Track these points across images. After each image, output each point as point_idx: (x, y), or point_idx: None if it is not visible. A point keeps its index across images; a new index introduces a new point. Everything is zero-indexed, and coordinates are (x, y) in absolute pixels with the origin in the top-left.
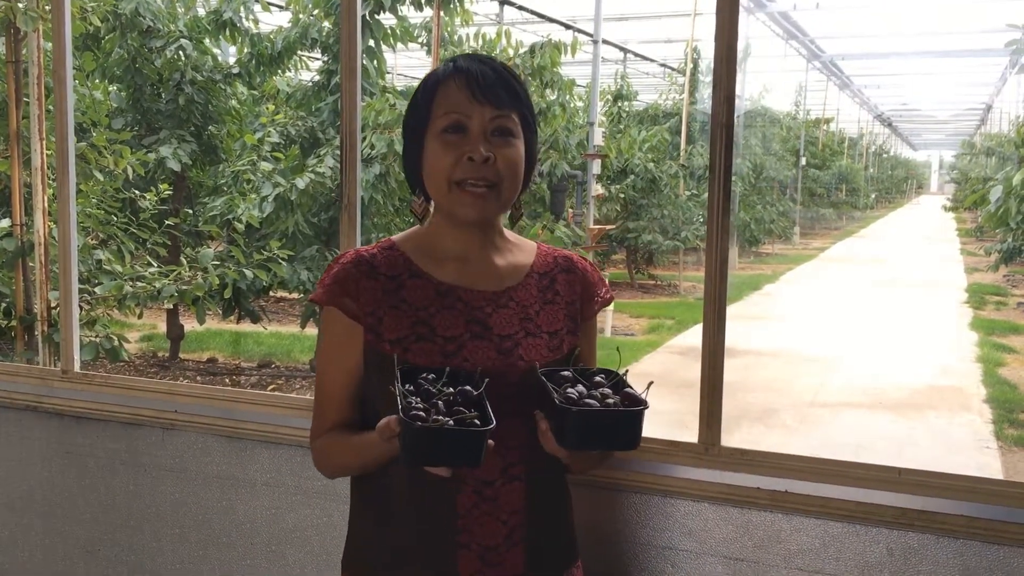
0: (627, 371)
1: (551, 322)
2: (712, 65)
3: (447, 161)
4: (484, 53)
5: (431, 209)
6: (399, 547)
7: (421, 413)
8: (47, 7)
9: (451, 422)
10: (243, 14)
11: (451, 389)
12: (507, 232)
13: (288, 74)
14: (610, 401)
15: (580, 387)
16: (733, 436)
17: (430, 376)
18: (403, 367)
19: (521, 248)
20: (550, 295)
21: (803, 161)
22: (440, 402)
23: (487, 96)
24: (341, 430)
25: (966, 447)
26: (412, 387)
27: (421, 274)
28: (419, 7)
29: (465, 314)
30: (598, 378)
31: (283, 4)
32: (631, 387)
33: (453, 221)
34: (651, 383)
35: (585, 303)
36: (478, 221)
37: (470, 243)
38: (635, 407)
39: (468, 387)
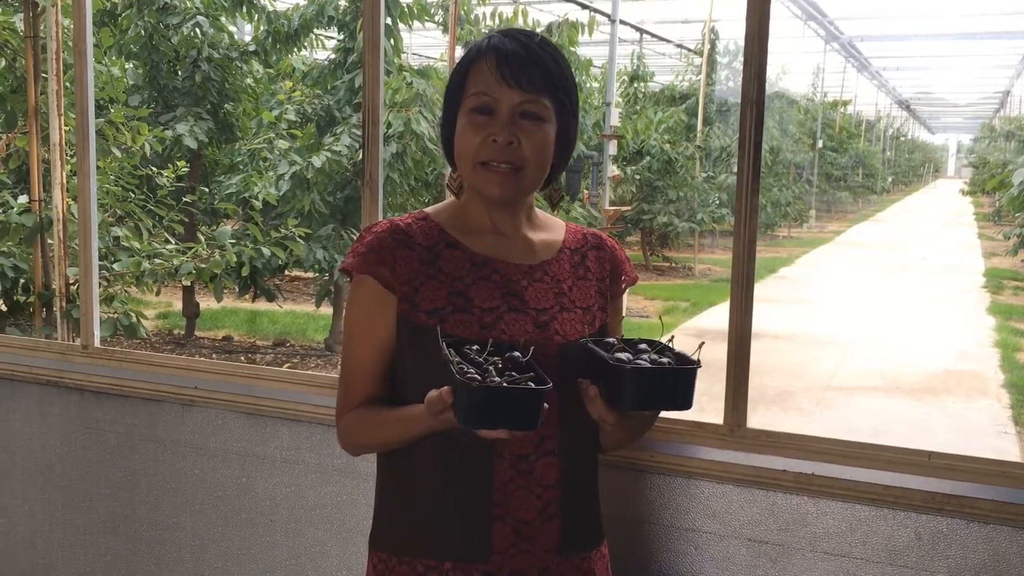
0: (672, 337)
1: (584, 297)
2: (730, 46)
3: (473, 141)
4: (526, 28)
5: (465, 184)
6: (431, 522)
7: (477, 376)
8: None
9: (506, 382)
10: None
11: (497, 358)
12: (537, 211)
13: (303, 53)
14: (663, 360)
15: (627, 353)
16: (748, 419)
17: (475, 347)
18: (447, 339)
19: (552, 226)
20: (582, 271)
21: (820, 144)
22: (491, 368)
23: (516, 79)
24: (374, 405)
25: (984, 432)
26: (459, 358)
27: (457, 244)
28: None
29: (501, 286)
30: (642, 346)
31: None
32: (676, 349)
33: (482, 197)
34: (703, 343)
35: (614, 281)
36: (501, 199)
37: (502, 218)
38: (688, 366)
39: (516, 354)
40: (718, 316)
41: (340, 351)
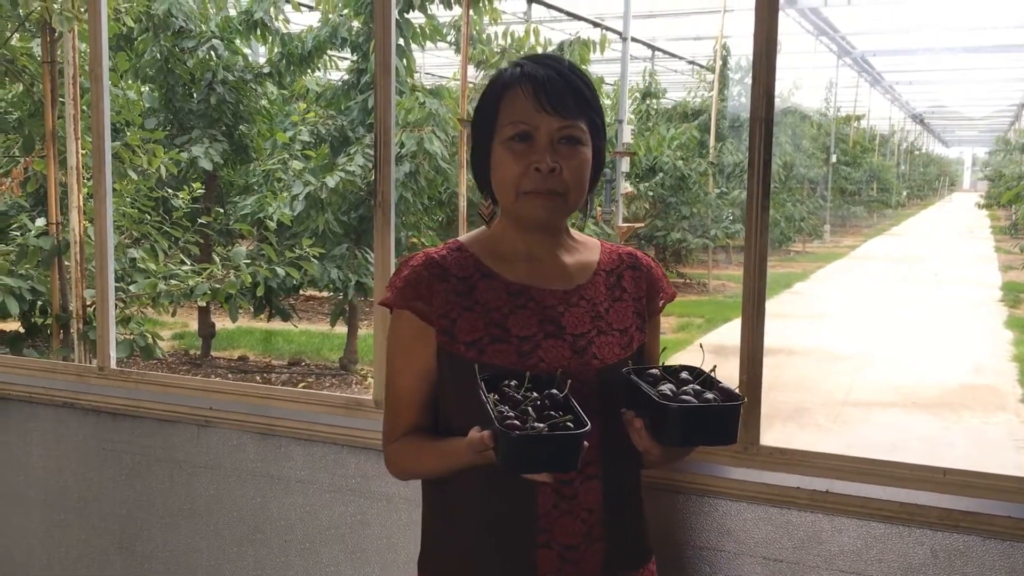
0: (715, 367)
1: (621, 319)
2: (742, 62)
3: (515, 171)
4: (554, 52)
5: (497, 211)
6: (477, 548)
7: (516, 422)
8: (83, 8)
9: (546, 428)
10: (273, 14)
11: (535, 394)
12: (572, 231)
13: (317, 74)
14: (708, 396)
15: (670, 385)
16: (764, 435)
17: (512, 383)
18: (484, 376)
19: (587, 246)
20: (618, 292)
21: (834, 158)
22: (529, 408)
23: (554, 106)
24: (419, 434)
25: (1002, 447)
26: (497, 395)
27: (492, 274)
28: (448, 6)
29: (538, 313)
30: (683, 375)
31: (313, 4)
32: (721, 382)
33: (520, 223)
34: (744, 378)
35: (651, 300)
36: (547, 223)
37: (538, 243)
38: (732, 402)
39: (555, 391)
40: (733, 332)
41: (358, 369)
